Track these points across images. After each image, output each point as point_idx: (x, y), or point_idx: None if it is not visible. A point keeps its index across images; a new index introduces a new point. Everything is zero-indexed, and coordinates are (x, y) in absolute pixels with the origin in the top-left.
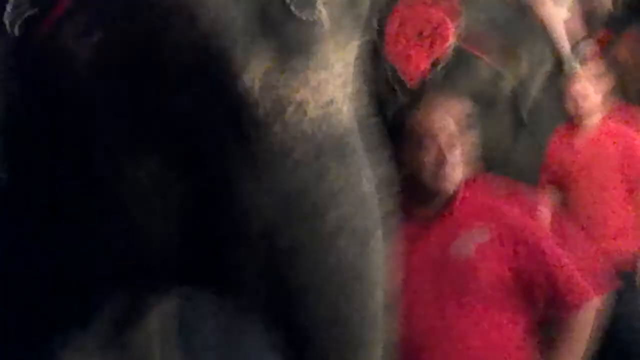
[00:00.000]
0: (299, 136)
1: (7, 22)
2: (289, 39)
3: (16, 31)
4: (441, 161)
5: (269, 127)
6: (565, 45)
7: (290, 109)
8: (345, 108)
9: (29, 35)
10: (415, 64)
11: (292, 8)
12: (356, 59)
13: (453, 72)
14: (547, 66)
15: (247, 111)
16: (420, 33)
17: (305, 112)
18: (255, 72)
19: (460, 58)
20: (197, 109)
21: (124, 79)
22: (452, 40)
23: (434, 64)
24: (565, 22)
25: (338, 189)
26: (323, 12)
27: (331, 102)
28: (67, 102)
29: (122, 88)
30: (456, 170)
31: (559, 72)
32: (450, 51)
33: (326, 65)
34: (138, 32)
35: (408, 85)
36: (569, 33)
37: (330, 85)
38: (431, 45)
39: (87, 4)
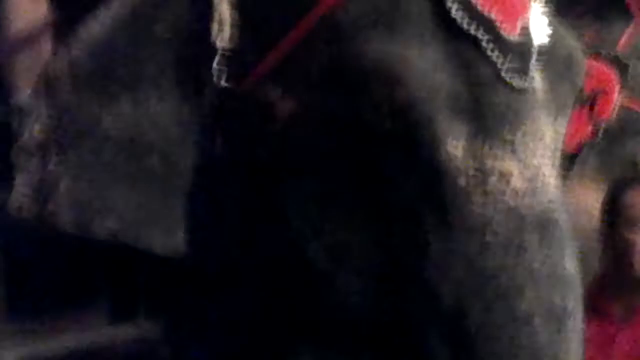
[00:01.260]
0: (500, 208)
1: (214, 74)
2: (497, 107)
3: (222, 83)
4: None
5: (469, 197)
6: None
7: (493, 179)
8: (551, 181)
9: (232, 88)
10: (574, 129)
11: (503, 74)
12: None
13: (618, 135)
14: None
15: (447, 179)
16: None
17: (508, 183)
18: (458, 140)
19: (627, 120)
20: (396, 175)
21: (319, 143)
22: (617, 100)
23: (596, 128)
24: None
25: (537, 267)
26: (537, 79)
27: (537, 174)
28: (262, 161)
29: (316, 152)
30: None
31: None
32: (615, 112)
33: (535, 135)
34: (338, 96)
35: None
36: None
37: (538, 157)
38: (592, 106)
39: (292, 65)
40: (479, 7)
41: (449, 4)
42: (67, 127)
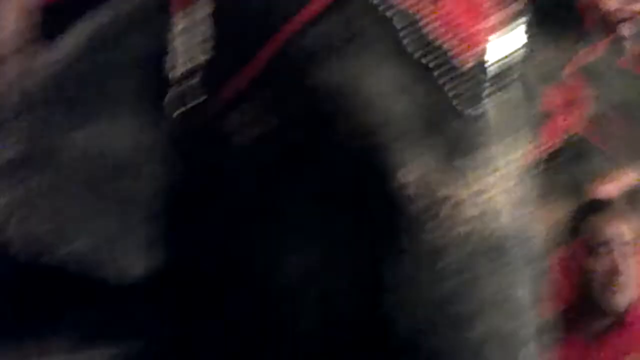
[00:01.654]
0: (453, 237)
1: (171, 103)
2: (452, 136)
3: (177, 116)
4: (614, 272)
5: (422, 225)
6: None
7: (447, 208)
8: (506, 211)
9: (191, 119)
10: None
11: (457, 103)
12: (524, 159)
13: (568, 161)
14: None
15: (401, 207)
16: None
17: (462, 213)
18: (413, 168)
19: (578, 146)
20: (350, 202)
21: (280, 170)
22: (570, 126)
23: (551, 151)
24: None
25: (490, 296)
26: (491, 110)
27: (491, 203)
28: (225, 188)
29: (276, 178)
30: (629, 283)
31: None
32: (566, 138)
33: (488, 163)
34: (301, 120)
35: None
36: None
37: (492, 186)
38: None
39: (253, 92)
40: (432, 36)
41: (402, 33)
42: (33, 150)
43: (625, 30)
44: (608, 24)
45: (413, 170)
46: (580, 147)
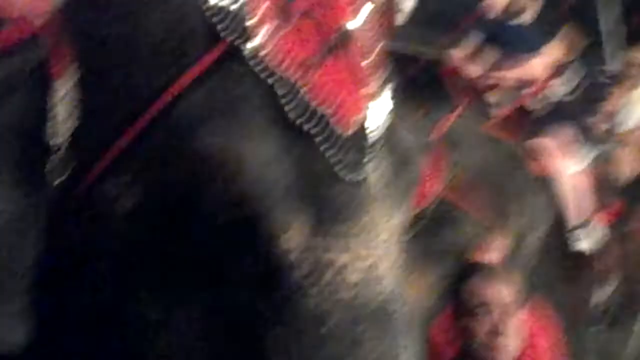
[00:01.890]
0: (336, 302)
1: (48, 175)
2: (333, 201)
3: (57, 184)
4: (494, 333)
5: (305, 291)
6: (571, 216)
7: (329, 273)
8: (387, 275)
9: (70, 187)
10: None
11: (338, 169)
12: (402, 224)
13: (435, 226)
14: (542, 230)
15: (283, 273)
16: None
17: (344, 278)
18: (295, 234)
19: (444, 211)
20: (232, 268)
21: (160, 235)
22: (436, 191)
23: (417, 216)
24: (575, 186)
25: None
26: (373, 173)
27: (373, 268)
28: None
29: (157, 246)
30: (510, 343)
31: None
32: (432, 203)
33: (371, 228)
34: (178, 188)
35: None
36: (578, 200)
37: (373, 249)
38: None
39: (131, 160)
40: (313, 103)
41: (283, 99)
42: None
43: (489, 96)
44: (471, 91)
45: (295, 237)
46: (449, 212)
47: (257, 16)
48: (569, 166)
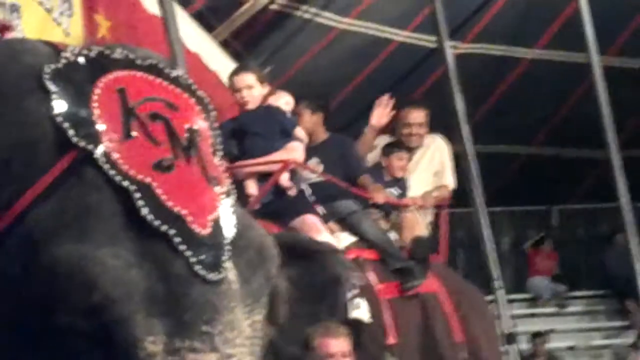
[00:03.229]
0: None
1: None
2: (193, 301)
3: None
4: None
5: None
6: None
7: None
8: None
9: None
10: None
11: (196, 269)
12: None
13: None
14: None
15: None
16: None
17: None
18: (157, 337)
19: None
20: None
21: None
22: None
23: None
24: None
25: None
26: (231, 272)
27: None
28: None
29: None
30: None
31: None
32: None
33: (232, 327)
34: (33, 300)
35: None
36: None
37: (237, 346)
38: None
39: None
40: (169, 205)
41: (139, 202)
42: None
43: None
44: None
45: (159, 339)
46: None
47: (107, 120)
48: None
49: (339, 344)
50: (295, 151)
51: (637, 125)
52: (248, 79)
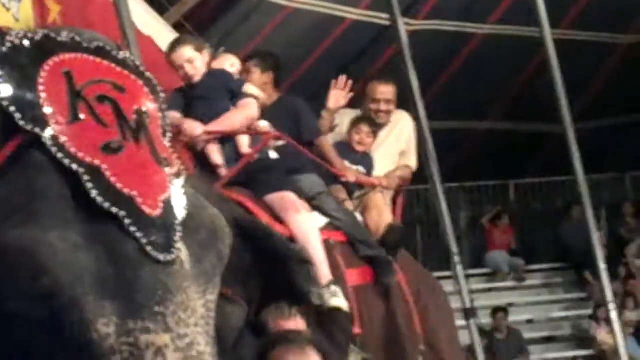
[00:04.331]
0: None
1: None
2: (145, 282)
3: None
4: None
5: None
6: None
7: (149, 353)
8: (207, 349)
9: None
10: None
11: (148, 249)
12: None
13: None
14: None
15: (104, 358)
16: None
17: (164, 356)
18: (110, 319)
19: None
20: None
21: None
22: None
23: None
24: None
25: None
26: (183, 252)
27: (192, 344)
28: None
29: None
30: None
31: None
32: None
33: (186, 307)
34: None
35: None
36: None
37: (192, 326)
38: None
39: None
40: (119, 186)
41: (88, 184)
42: None
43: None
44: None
45: (112, 321)
46: None
47: (53, 103)
48: (317, 219)
49: (293, 326)
50: (249, 107)
51: (590, 98)
52: (186, 52)
